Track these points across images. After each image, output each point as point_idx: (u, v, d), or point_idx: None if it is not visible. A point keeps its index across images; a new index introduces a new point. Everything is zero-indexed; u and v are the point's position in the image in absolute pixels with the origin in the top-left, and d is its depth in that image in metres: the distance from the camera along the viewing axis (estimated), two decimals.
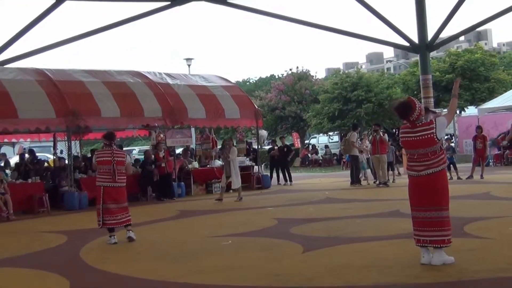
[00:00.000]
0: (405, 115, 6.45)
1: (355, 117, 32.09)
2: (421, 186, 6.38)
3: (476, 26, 22.98)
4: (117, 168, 9.16)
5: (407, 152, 6.60)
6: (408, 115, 6.41)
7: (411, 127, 6.46)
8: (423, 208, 6.37)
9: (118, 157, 9.27)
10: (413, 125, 6.44)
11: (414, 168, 6.44)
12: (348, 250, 7.59)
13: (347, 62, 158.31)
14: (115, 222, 9.14)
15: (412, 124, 6.44)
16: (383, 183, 17.58)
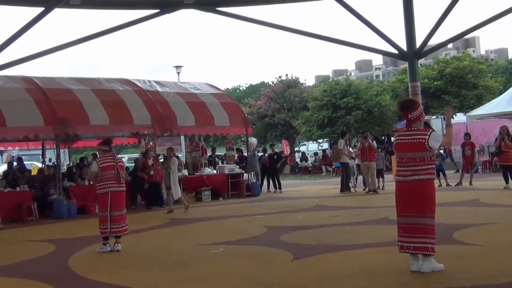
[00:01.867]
0: (406, 110, 6.52)
1: (344, 124, 32.14)
2: (406, 192, 6.41)
3: (464, 34, 23.12)
4: (120, 173, 9.24)
5: (397, 155, 6.60)
6: (409, 110, 6.50)
7: (406, 130, 6.54)
8: (407, 214, 6.39)
9: (120, 161, 9.44)
10: (408, 126, 6.53)
11: (401, 173, 6.47)
12: (337, 257, 7.59)
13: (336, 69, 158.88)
14: (119, 230, 9.14)
15: (408, 124, 6.54)
16: (372, 190, 17.62)
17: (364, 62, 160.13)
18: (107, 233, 9.10)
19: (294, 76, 43.61)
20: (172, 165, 15.10)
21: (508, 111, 23.78)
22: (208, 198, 18.47)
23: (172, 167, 15.07)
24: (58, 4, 16.26)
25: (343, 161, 18.63)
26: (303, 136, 36.46)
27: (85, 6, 17.79)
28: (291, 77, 43.43)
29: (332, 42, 23.57)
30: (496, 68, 68.65)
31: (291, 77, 43.43)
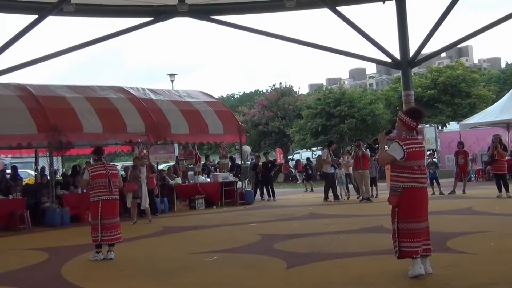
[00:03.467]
0: (421, 121, 6.69)
1: (338, 132, 32.26)
2: (425, 198, 6.67)
3: (457, 43, 23.22)
4: (112, 181, 9.19)
5: (414, 163, 6.54)
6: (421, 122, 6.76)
7: (414, 139, 6.65)
8: (426, 219, 6.59)
9: (112, 169, 9.36)
10: (414, 137, 6.69)
11: (420, 180, 6.58)
12: (331, 266, 7.59)
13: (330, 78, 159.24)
14: (111, 238, 9.10)
15: (416, 133, 6.78)
16: (366, 198, 17.65)
17: (358, 71, 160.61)
18: (98, 241, 9.06)
19: (288, 85, 43.80)
20: (142, 174, 14.94)
21: (501, 119, 23.91)
22: (201, 206, 18.43)
23: (141, 176, 14.93)
24: (52, 12, 16.26)
25: (325, 171, 18.71)
26: (297, 144, 36.56)
27: (79, 14, 17.78)
28: (285, 85, 43.58)
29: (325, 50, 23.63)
30: (489, 77, 68.92)
31: (285, 85, 43.58)
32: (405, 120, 6.64)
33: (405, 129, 6.64)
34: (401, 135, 6.65)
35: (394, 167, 6.56)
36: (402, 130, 6.66)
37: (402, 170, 6.51)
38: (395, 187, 6.56)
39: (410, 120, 6.64)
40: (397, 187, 6.53)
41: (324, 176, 19.17)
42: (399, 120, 6.69)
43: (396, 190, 6.53)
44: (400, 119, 6.67)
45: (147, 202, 14.87)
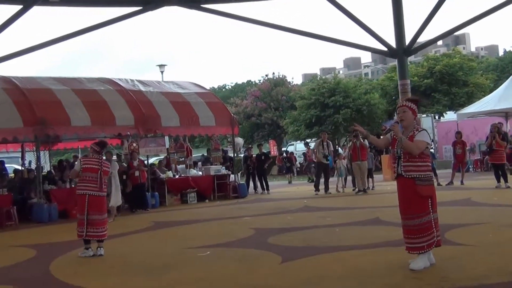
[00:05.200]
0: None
1: (332, 123, 32.28)
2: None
3: (454, 30, 23.25)
4: (104, 178, 9.19)
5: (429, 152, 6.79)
6: None
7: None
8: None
9: (105, 166, 9.32)
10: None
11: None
12: (327, 259, 7.62)
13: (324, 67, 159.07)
14: (97, 234, 9.08)
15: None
16: (362, 190, 17.70)
17: (353, 60, 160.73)
18: (83, 236, 9.05)
19: (281, 75, 43.83)
20: (113, 169, 14.57)
21: (499, 108, 24.01)
22: (193, 200, 18.44)
23: (113, 171, 14.52)
24: (37, 1, 16.15)
25: (318, 161, 18.82)
26: (290, 136, 36.55)
27: (65, 3, 17.68)
28: (278, 75, 43.58)
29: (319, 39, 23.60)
30: (486, 65, 69.17)
31: (278, 75, 43.58)
32: (415, 109, 6.74)
33: (414, 118, 6.73)
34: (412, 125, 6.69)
35: (421, 156, 6.58)
36: (412, 119, 6.72)
37: (427, 159, 6.65)
38: (426, 176, 6.60)
39: (417, 109, 6.79)
40: (428, 176, 6.61)
41: (315, 166, 19.31)
42: (409, 110, 6.69)
43: (429, 179, 6.62)
44: (410, 108, 6.70)
45: (117, 200, 14.30)
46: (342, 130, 32.58)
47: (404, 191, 6.63)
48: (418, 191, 6.50)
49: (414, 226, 6.51)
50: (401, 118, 6.75)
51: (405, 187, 6.60)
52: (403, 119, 6.72)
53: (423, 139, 6.53)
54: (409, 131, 6.66)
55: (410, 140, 6.57)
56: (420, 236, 6.50)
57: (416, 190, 6.49)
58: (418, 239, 6.50)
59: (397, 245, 8.07)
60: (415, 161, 6.54)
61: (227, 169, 20.42)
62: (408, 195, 6.56)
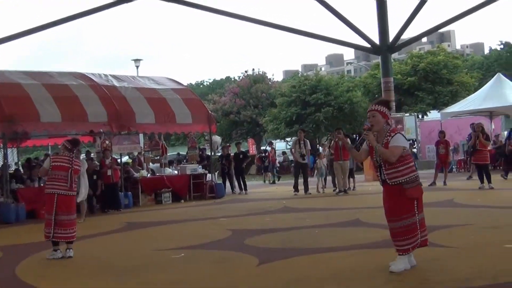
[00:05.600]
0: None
1: (313, 121, 32.35)
2: None
3: (439, 27, 23.53)
4: (74, 177, 9.12)
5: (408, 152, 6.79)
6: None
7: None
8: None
9: (76, 165, 9.22)
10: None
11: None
12: (305, 261, 7.63)
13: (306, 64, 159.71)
14: (65, 236, 8.99)
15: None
16: (343, 191, 17.76)
17: (335, 57, 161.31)
18: (50, 237, 8.96)
19: (261, 71, 43.81)
20: (82, 167, 14.36)
21: (484, 108, 24.25)
22: (168, 201, 18.37)
23: (81, 169, 14.34)
24: None
25: (295, 160, 18.89)
26: (270, 134, 36.55)
27: None
28: (258, 72, 43.56)
29: (301, 35, 23.74)
30: (472, 63, 69.94)
31: (258, 72, 43.56)
32: (386, 112, 6.69)
33: (385, 121, 6.69)
34: (384, 128, 6.66)
35: (401, 161, 6.55)
36: (383, 123, 6.68)
37: (408, 160, 6.63)
38: (413, 178, 6.60)
39: (388, 112, 6.76)
40: (414, 177, 6.61)
41: (294, 166, 19.41)
42: (379, 114, 6.64)
43: (416, 180, 6.63)
44: (380, 112, 6.66)
45: (83, 196, 13.76)
46: (323, 129, 32.66)
47: (391, 196, 6.65)
48: (407, 195, 6.53)
49: (400, 228, 6.55)
50: (371, 123, 6.70)
51: (392, 192, 6.61)
52: (374, 124, 6.67)
53: (398, 144, 6.50)
54: (383, 136, 6.61)
55: (385, 146, 6.55)
56: (406, 238, 6.54)
57: (405, 194, 6.53)
58: (404, 241, 6.54)
59: (378, 247, 8.14)
60: (396, 166, 6.53)
61: (203, 168, 20.37)
62: (395, 198, 6.58)
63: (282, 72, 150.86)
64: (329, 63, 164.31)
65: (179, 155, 32.38)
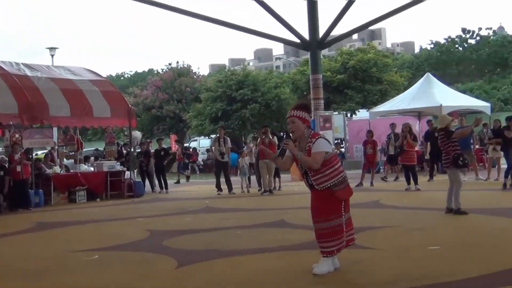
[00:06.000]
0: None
1: (239, 118, 32.47)
2: None
3: (369, 24, 24.01)
4: None
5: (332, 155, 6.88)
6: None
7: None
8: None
9: None
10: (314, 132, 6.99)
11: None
12: (226, 264, 7.64)
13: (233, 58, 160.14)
14: None
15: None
16: (268, 190, 17.89)
17: (264, 51, 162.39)
18: None
19: (186, 64, 43.66)
20: None
21: (413, 108, 24.93)
22: (83, 199, 18.01)
23: None
24: None
25: (215, 158, 19.07)
26: (194, 131, 36.47)
27: None
28: (182, 64, 43.38)
29: (229, 27, 23.74)
30: (402, 62, 71.78)
31: (182, 64, 43.38)
32: (305, 117, 6.73)
33: (306, 126, 6.74)
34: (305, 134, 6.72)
35: (326, 164, 6.62)
36: (303, 129, 6.72)
37: (333, 162, 6.71)
38: (341, 179, 6.70)
39: (308, 116, 6.81)
40: (342, 178, 6.71)
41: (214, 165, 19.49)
42: (299, 119, 6.68)
43: (344, 181, 6.73)
44: (300, 117, 6.69)
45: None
46: (249, 126, 32.83)
47: (318, 197, 6.73)
48: (337, 196, 6.66)
49: (325, 229, 6.64)
50: (291, 130, 6.77)
51: (321, 195, 6.70)
52: (294, 131, 6.74)
53: (319, 150, 6.58)
54: (305, 142, 6.67)
55: (308, 152, 6.61)
56: (331, 239, 6.64)
57: (335, 196, 6.64)
58: (329, 242, 6.64)
59: (302, 249, 8.25)
60: (323, 171, 6.62)
61: (122, 165, 20.09)
62: (323, 200, 6.68)
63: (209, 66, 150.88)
64: (258, 58, 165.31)
65: (97, 151, 31.87)
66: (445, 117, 12.10)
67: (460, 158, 11.25)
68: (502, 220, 10.47)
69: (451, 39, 72.70)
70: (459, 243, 8.38)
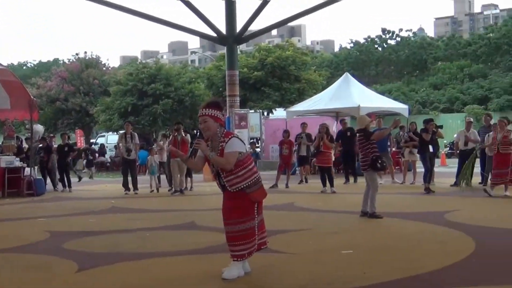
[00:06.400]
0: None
1: (151, 114, 32.23)
2: None
3: (288, 21, 24.36)
4: None
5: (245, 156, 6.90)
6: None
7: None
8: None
9: None
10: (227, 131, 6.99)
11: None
12: (131, 268, 7.55)
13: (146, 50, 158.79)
14: None
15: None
16: (179, 190, 17.82)
17: (179, 44, 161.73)
18: None
19: (95, 55, 42.98)
20: None
21: (330, 108, 25.38)
22: None
23: None
24: None
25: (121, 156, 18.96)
26: (102, 126, 35.93)
27: None
28: (91, 55, 42.66)
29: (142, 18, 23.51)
30: (321, 61, 72.99)
31: (91, 55, 42.66)
32: (218, 115, 6.74)
33: (218, 125, 6.75)
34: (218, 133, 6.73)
35: (239, 165, 6.65)
36: (216, 128, 6.73)
37: (247, 163, 6.73)
38: (254, 180, 6.73)
39: (221, 114, 6.82)
40: (256, 179, 6.74)
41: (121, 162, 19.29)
42: (211, 118, 6.67)
43: (257, 182, 6.76)
44: (212, 116, 6.69)
45: None
46: (160, 123, 32.64)
47: (231, 198, 6.74)
48: (251, 198, 6.69)
49: (236, 232, 6.67)
50: (203, 129, 6.77)
51: (233, 196, 6.71)
52: (205, 130, 6.73)
53: (232, 150, 6.61)
54: (217, 142, 6.69)
55: (221, 152, 6.63)
56: (242, 243, 6.67)
57: (248, 198, 6.67)
58: (240, 246, 6.67)
59: (212, 252, 8.27)
60: (236, 172, 6.63)
61: (22, 161, 19.52)
62: (235, 201, 6.70)
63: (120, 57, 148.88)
64: (172, 51, 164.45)
65: None
66: (364, 118, 12.23)
67: (379, 161, 11.49)
68: (416, 224, 10.81)
69: (371, 39, 74.41)
70: (372, 247, 8.60)
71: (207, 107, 6.78)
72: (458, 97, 52.13)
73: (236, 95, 22.94)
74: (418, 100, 53.09)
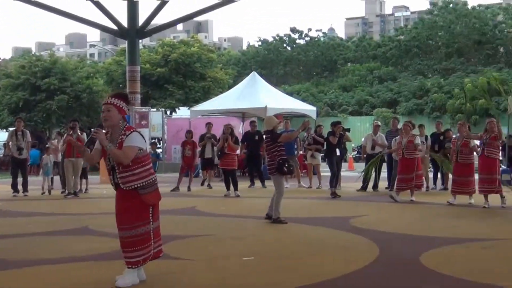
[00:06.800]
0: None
1: (45, 110, 31.54)
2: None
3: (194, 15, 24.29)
4: None
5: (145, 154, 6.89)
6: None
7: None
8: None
9: None
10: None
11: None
12: (15, 276, 7.37)
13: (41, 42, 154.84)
14: None
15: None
16: (73, 193, 17.48)
17: (77, 37, 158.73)
18: None
19: None
20: None
21: (237, 108, 25.46)
22: None
23: None
24: None
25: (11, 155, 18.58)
26: None
27: None
28: None
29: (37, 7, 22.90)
30: (228, 58, 73.13)
31: None
32: (123, 107, 6.72)
33: (122, 117, 6.72)
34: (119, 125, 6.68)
35: (137, 162, 6.61)
36: (119, 120, 6.69)
37: (145, 162, 6.70)
38: (150, 181, 6.69)
39: (126, 107, 6.80)
40: (151, 181, 6.71)
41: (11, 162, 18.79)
42: (115, 108, 6.65)
43: (153, 184, 6.72)
44: (116, 106, 6.67)
45: None
46: (54, 120, 31.96)
47: (124, 201, 6.67)
48: (144, 200, 6.63)
49: (130, 237, 6.61)
50: (105, 118, 6.70)
51: (126, 197, 6.64)
52: (107, 119, 6.68)
53: (132, 144, 6.58)
54: (117, 134, 6.66)
55: (120, 146, 6.58)
56: (137, 249, 6.62)
57: (141, 200, 6.61)
58: (134, 252, 6.61)
59: (106, 259, 8.18)
60: (132, 169, 6.59)
61: None
62: (129, 204, 6.63)
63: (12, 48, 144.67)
64: (70, 43, 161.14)
65: None
66: (271, 119, 12.15)
67: (285, 164, 11.56)
68: (320, 229, 11.03)
69: (280, 37, 75.14)
70: (275, 253, 8.71)
71: (114, 96, 6.77)
72: (367, 100, 53.31)
73: (137, 92, 22.66)
74: (327, 102, 53.99)
